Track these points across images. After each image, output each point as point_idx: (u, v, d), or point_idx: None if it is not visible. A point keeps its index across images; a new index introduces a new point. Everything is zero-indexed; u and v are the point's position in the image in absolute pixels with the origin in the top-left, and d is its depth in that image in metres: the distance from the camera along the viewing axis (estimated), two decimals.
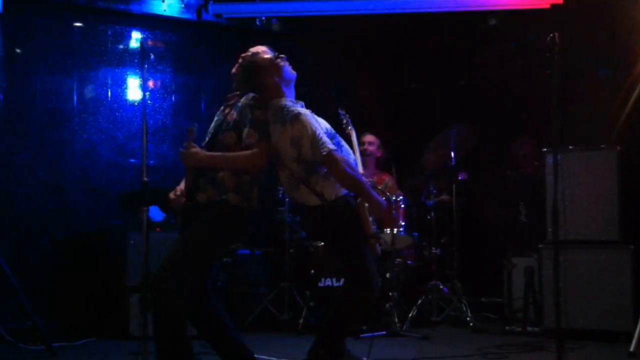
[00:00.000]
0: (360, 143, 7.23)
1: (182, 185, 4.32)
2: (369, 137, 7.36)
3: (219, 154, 4.17)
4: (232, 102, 4.36)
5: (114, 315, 6.32)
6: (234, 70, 4.38)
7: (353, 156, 4.40)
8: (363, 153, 7.23)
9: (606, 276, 5.87)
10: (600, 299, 5.86)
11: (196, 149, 4.14)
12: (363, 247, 4.18)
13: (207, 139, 4.32)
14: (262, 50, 4.35)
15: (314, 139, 4.06)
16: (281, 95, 4.27)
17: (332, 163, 4.07)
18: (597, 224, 5.97)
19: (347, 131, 4.97)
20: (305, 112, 4.17)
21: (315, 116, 4.26)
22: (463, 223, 7.26)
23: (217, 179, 4.14)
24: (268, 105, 4.22)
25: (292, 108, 4.16)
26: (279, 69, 4.29)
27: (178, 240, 4.18)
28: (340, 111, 5.11)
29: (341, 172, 4.07)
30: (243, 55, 4.38)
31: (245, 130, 4.15)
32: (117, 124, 7.02)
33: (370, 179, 6.93)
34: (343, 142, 4.36)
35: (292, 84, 4.36)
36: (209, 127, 4.36)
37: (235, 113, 4.25)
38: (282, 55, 4.35)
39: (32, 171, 6.63)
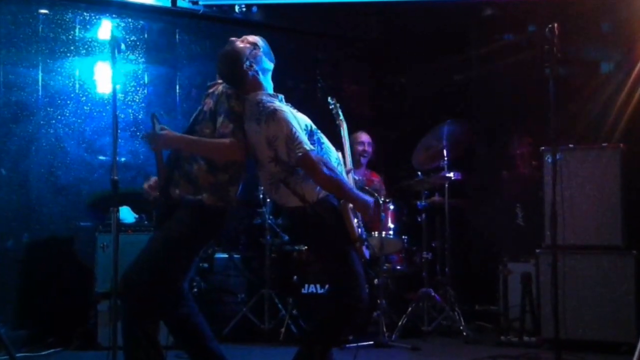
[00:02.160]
0: (358, 142, 7.25)
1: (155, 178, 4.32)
2: (367, 137, 7.34)
3: (191, 136, 4.17)
4: (211, 90, 4.36)
5: (82, 323, 6.30)
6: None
7: (336, 154, 4.39)
8: (362, 154, 7.26)
9: (608, 283, 5.90)
10: (601, 308, 5.88)
11: (166, 130, 4.15)
12: (349, 252, 4.16)
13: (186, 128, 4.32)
14: (246, 39, 4.34)
15: (289, 139, 4.04)
16: (258, 87, 4.26)
17: (308, 165, 4.05)
18: (598, 228, 5.99)
19: (337, 122, 4.95)
20: (282, 109, 4.15)
21: (295, 111, 4.25)
22: (456, 226, 7.28)
23: (192, 175, 4.14)
24: (244, 98, 4.21)
25: (268, 104, 4.14)
26: (255, 59, 4.28)
27: (150, 240, 4.18)
28: (330, 100, 5.09)
29: (319, 174, 4.06)
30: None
31: (220, 120, 4.14)
32: (86, 118, 6.97)
33: (359, 179, 6.97)
34: (324, 139, 4.33)
35: (269, 74, 4.36)
36: (183, 120, 4.36)
37: (211, 102, 4.25)
38: (259, 46, 4.34)
39: None
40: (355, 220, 4.18)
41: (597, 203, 6.00)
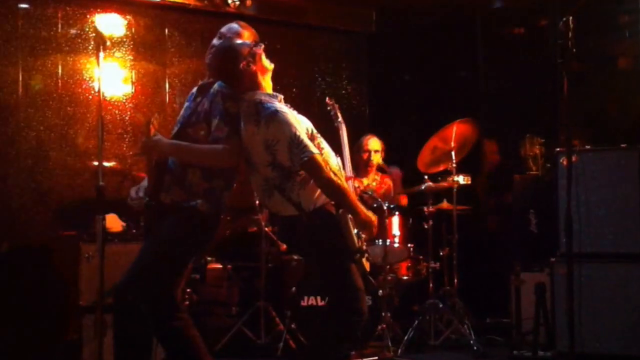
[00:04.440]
0: (364, 151, 7.22)
1: (145, 182, 4.32)
2: (375, 144, 7.29)
3: (185, 143, 4.17)
4: (205, 90, 4.35)
5: (66, 339, 6.29)
6: (207, 54, 4.39)
7: (337, 159, 4.38)
8: (367, 163, 7.23)
9: (626, 294, 5.88)
10: (619, 320, 5.86)
11: (159, 137, 4.15)
12: (347, 263, 4.16)
13: (175, 129, 4.32)
14: (240, 32, 4.34)
15: (293, 143, 4.04)
16: (257, 87, 4.26)
17: (314, 169, 4.04)
18: (616, 235, 5.98)
19: (335, 124, 4.94)
20: (283, 110, 4.15)
21: (296, 113, 4.25)
22: (465, 233, 7.27)
23: (186, 181, 4.15)
24: (241, 98, 4.21)
25: (268, 105, 4.14)
26: (256, 57, 4.28)
27: (141, 249, 4.18)
28: (328, 101, 5.06)
29: (325, 178, 4.05)
30: (218, 35, 4.39)
31: (215, 122, 4.14)
32: (69, 119, 6.98)
33: (370, 186, 6.98)
34: (325, 144, 4.33)
35: (269, 75, 4.35)
36: (173, 121, 4.36)
37: (206, 103, 4.25)
38: (260, 43, 4.34)
39: None
40: (355, 231, 4.16)
41: (615, 208, 5.98)
